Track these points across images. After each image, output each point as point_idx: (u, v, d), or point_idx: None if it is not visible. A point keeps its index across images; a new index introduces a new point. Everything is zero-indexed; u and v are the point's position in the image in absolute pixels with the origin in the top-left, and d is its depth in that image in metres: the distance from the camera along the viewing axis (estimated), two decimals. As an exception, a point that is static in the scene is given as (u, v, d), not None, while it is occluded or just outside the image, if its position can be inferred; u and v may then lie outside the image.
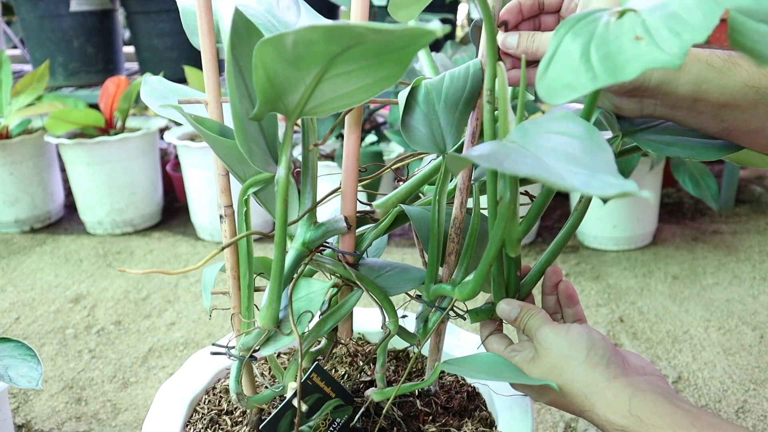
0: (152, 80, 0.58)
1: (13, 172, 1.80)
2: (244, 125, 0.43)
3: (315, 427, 0.58)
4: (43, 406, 1.09)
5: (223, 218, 0.55)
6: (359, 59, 0.36)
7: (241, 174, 0.51)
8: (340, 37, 0.33)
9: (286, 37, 0.34)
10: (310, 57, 0.35)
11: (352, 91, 0.39)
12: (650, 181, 1.60)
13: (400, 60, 0.37)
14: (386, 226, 0.55)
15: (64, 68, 1.99)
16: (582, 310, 0.57)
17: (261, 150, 0.47)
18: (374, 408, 0.63)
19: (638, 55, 0.32)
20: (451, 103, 0.50)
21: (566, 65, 0.35)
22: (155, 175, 1.87)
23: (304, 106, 0.41)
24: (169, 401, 0.64)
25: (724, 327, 1.29)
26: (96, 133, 1.77)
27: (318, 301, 0.52)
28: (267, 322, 0.51)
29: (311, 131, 0.51)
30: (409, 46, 0.35)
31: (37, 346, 1.27)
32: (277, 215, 0.46)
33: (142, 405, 1.09)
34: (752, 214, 1.86)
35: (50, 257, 1.69)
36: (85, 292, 1.49)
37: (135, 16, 1.93)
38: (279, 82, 0.38)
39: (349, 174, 0.52)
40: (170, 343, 1.28)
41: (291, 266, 0.51)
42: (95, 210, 1.81)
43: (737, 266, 1.54)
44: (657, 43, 0.32)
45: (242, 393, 0.57)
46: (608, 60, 0.33)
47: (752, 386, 1.10)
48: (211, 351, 0.58)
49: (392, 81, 0.39)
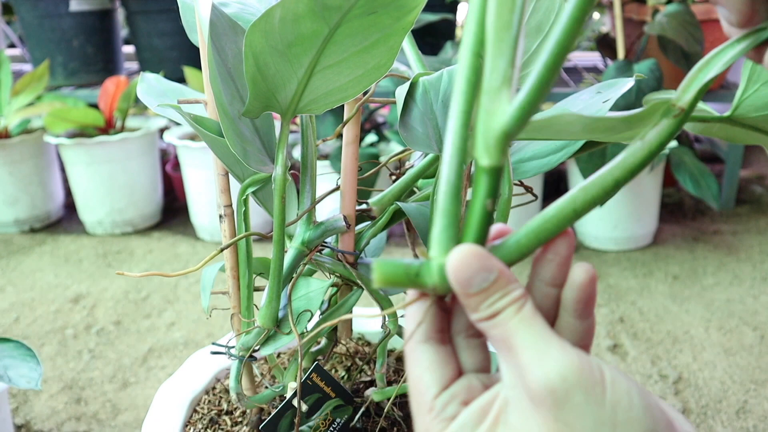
0: (150, 78, 0.58)
1: (13, 171, 1.80)
2: (235, 125, 0.43)
3: (315, 427, 0.57)
4: (43, 407, 1.09)
5: (222, 218, 0.54)
6: (348, 44, 0.36)
7: (240, 174, 0.51)
8: (324, 5, 0.34)
9: (273, 12, 0.34)
10: (299, 42, 0.36)
11: (344, 84, 0.40)
12: (650, 181, 1.59)
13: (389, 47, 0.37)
14: (384, 223, 0.55)
15: (63, 68, 1.99)
16: (594, 328, 0.32)
17: (256, 150, 0.46)
18: (374, 408, 0.62)
19: None
20: (449, 102, 0.50)
21: None
22: (155, 175, 1.87)
23: (298, 103, 0.41)
24: (168, 401, 0.64)
25: (724, 327, 1.28)
26: (95, 132, 1.77)
27: (317, 300, 0.52)
28: (266, 321, 0.51)
29: (310, 130, 0.50)
30: (398, 17, 0.35)
31: (36, 346, 1.27)
32: (275, 214, 0.46)
33: (141, 405, 1.09)
34: (753, 214, 1.86)
35: (50, 257, 1.69)
36: (84, 292, 1.49)
37: (135, 16, 1.93)
38: (271, 75, 0.38)
39: (348, 173, 0.52)
40: (170, 343, 1.28)
41: (290, 265, 0.51)
42: (95, 210, 1.80)
43: (738, 266, 1.54)
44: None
45: (242, 393, 0.57)
46: None
47: (753, 386, 1.09)
48: (211, 351, 0.58)
49: (382, 71, 0.39)
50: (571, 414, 0.26)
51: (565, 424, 0.26)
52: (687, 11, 1.49)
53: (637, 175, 0.31)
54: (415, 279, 0.29)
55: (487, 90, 0.29)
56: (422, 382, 0.30)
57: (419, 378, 0.30)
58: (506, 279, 0.28)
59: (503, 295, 0.28)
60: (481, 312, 0.28)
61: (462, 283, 0.28)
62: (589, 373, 0.26)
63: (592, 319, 0.31)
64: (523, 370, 0.27)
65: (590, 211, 0.30)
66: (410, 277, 0.29)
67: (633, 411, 0.26)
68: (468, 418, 0.29)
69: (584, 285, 0.30)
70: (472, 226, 0.30)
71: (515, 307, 0.28)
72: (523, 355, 0.27)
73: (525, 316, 0.28)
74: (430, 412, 0.29)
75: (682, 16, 1.48)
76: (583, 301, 0.30)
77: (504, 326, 0.28)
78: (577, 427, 0.26)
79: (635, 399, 0.26)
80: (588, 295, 0.30)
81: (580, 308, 0.30)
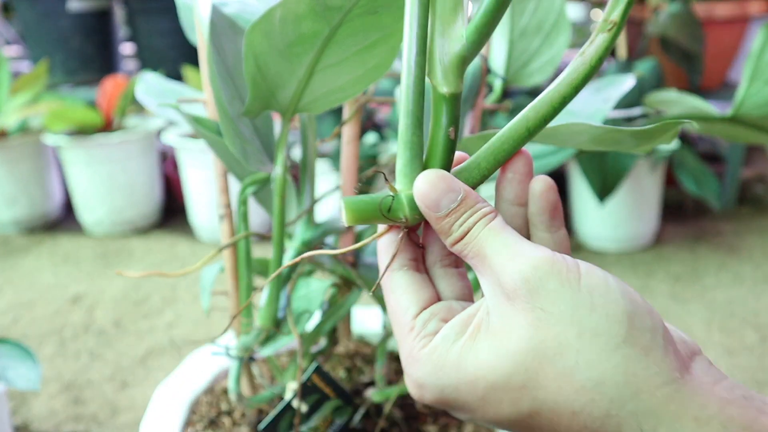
0: (149, 78, 0.58)
1: (11, 171, 1.79)
2: (235, 125, 0.42)
3: (315, 427, 0.57)
4: (42, 407, 1.08)
5: (221, 218, 0.54)
6: (349, 43, 0.36)
7: (239, 174, 0.51)
8: (325, 5, 0.33)
9: (274, 12, 0.34)
10: (299, 42, 0.35)
11: (344, 84, 0.39)
12: (651, 181, 1.59)
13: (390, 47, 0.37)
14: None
15: (62, 67, 1.98)
16: (568, 240, 0.32)
17: (256, 149, 0.46)
18: (374, 409, 0.62)
19: None
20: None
21: None
22: (154, 175, 1.87)
23: (298, 102, 0.41)
24: (167, 402, 0.64)
25: (725, 327, 1.28)
26: (94, 132, 1.77)
27: (317, 300, 0.52)
28: (266, 321, 0.51)
29: (310, 130, 0.50)
30: (398, 17, 0.35)
31: (35, 346, 1.26)
32: (274, 214, 0.45)
33: (140, 406, 1.08)
34: (754, 214, 1.86)
35: (48, 257, 1.68)
36: (83, 293, 1.48)
37: (134, 15, 1.93)
38: (271, 74, 0.38)
39: (348, 172, 0.51)
40: (169, 343, 1.27)
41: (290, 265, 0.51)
42: (94, 210, 1.80)
43: (739, 266, 1.54)
44: None
45: (241, 394, 0.57)
46: None
47: (754, 387, 1.09)
48: (210, 351, 0.57)
49: (382, 71, 0.39)
50: (546, 299, 0.26)
51: (542, 310, 0.26)
52: (688, 11, 1.49)
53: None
54: (387, 213, 0.30)
55: (440, 15, 0.29)
56: (400, 306, 0.30)
57: (397, 302, 0.30)
58: (473, 198, 0.29)
59: (472, 213, 0.29)
60: (454, 233, 0.29)
61: (431, 206, 0.29)
62: (562, 262, 0.27)
63: (563, 231, 0.32)
64: (498, 273, 0.27)
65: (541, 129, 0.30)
66: (382, 212, 0.29)
67: (610, 294, 0.26)
68: (450, 330, 0.29)
69: (544, 193, 0.31)
70: (437, 155, 0.30)
71: (484, 221, 0.29)
72: (496, 260, 0.27)
73: (494, 226, 0.28)
74: (411, 331, 0.30)
75: (682, 15, 1.47)
76: (547, 210, 0.31)
77: (476, 240, 0.28)
78: (554, 311, 0.26)
79: (612, 283, 0.26)
80: (550, 204, 0.31)
81: (546, 219, 0.31)
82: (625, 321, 0.26)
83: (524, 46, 0.60)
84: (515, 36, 0.60)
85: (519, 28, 0.60)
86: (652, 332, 0.26)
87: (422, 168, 0.30)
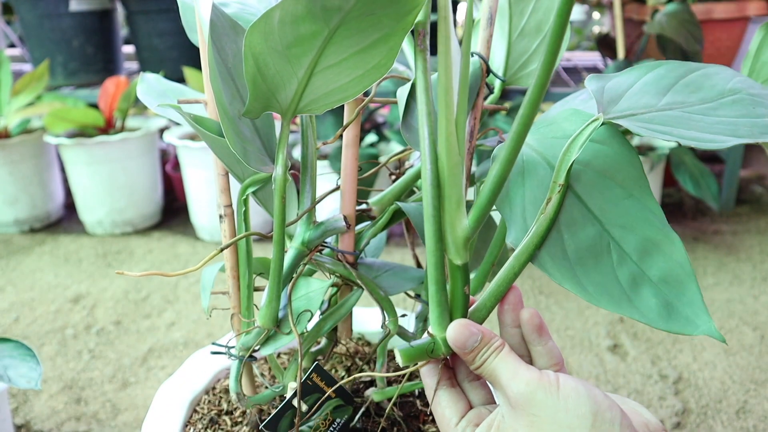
0: (150, 78, 0.58)
1: (13, 171, 1.80)
2: (235, 125, 0.43)
3: (315, 427, 0.57)
4: (43, 407, 1.09)
5: (222, 218, 0.54)
6: (348, 44, 0.36)
7: (240, 174, 0.51)
8: (322, 6, 0.34)
9: (272, 14, 0.34)
10: (298, 43, 0.36)
11: (344, 85, 0.40)
12: (650, 181, 1.59)
13: (389, 47, 0.37)
14: (384, 223, 0.55)
15: (63, 68, 1.99)
16: (557, 348, 0.43)
17: (256, 150, 0.46)
18: (374, 408, 0.62)
19: None
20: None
21: None
22: (155, 175, 1.87)
23: (298, 103, 0.41)
24: (168, 401, 0.64)
25: (724, 327, 1.28)
26: (95, 132, 1.77)
27: (317, 300, 0.52)
28: (266, 321, 0.51)
29: (310, 130, 0.50)
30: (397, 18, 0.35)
31: (36, 346, 1.27)
32: (275, 214, 0.46)
33: (141, 405, 1.09)
34: (753, 214, 1.86)
35: (50, 257, 1.69)
36: (84, 292, 1.49)
37: (135, 16, 1.93)
38: (271, 75, 0.38)
39: (348, 173, 0.52)
40: (170, 343, 1.28)
41: (290, 265, 0.51)
42: (95, 210, 1.80)
43: (738, 266, 1.54)
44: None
45: (242, 393, 0.57)
46: None
47: (753, 386, 1.09)
48: (211, 351, 0.58)
49: (382, 71, 0.39)
50: (536, 407, 0.37)
51: (534, 415, 0.37)
52: (686, 11, 1.49)
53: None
54: (430, 352, 0.42)
55: (447, 210, 0.40)
56: (445, 417, 0.43)
57: (442, 414, 0.43)
58: (488, 336, 0.41)
59: (488, 348, 0.40)
60: (476, 362, 0.41)
61: (460, 347, 0.41)
62: (546, 378, 0.38)
63: (551, 342, 0.43)
64: (505, 389, 0.39)
65: (524, 268, 0.41)
66: (426, 352, 0.42)
67: (580, 398, 0.36)
68: (480, 430, 0.41)
69: (530, 319, 0.42)
70: (458, 307, 0.43)
71: (496, 352, 0.40)
72: (504, 380, 0.39)
73: (503, 356, 0.40)
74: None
75: (681, 15, 1.48)
76: (534, 330, 0.43)
77: (491, 366, 0.40)
78: (542, 415, 0.37)
79: (581, 390, 0.37)
80: (536, 326, 0.42)
81: (535, 336, 0.43)
82: (590, 417, 0.36)
83: (523, 47, 0.60)
84: (514, 37, 0.60)
85: (518, 29, 0.60)
86: (611, 423, 0.36)
87: (449, 316, 0.43)
